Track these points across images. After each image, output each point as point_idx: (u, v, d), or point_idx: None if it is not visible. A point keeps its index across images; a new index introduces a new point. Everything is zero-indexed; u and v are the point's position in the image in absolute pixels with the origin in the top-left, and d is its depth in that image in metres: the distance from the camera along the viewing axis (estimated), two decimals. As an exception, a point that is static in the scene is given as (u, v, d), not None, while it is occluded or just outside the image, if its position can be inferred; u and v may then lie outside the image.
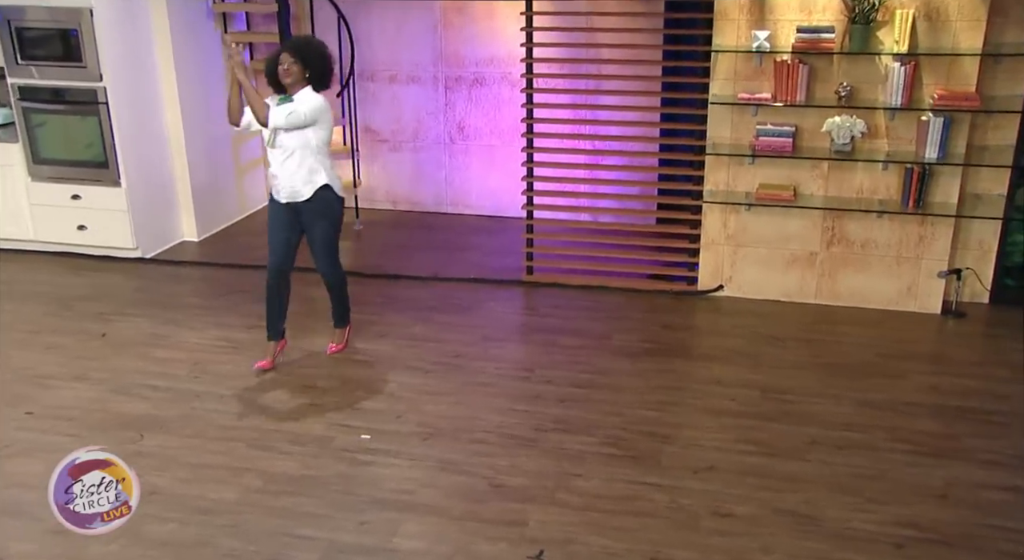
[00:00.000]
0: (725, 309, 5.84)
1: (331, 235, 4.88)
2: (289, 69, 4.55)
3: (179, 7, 6.67)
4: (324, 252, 4.90)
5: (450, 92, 7.47)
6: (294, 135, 4.60)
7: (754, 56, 5.43)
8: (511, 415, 4.54)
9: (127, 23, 6.35)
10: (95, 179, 6.52)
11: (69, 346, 5.34)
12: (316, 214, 4.77)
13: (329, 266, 4.98)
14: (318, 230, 4.82)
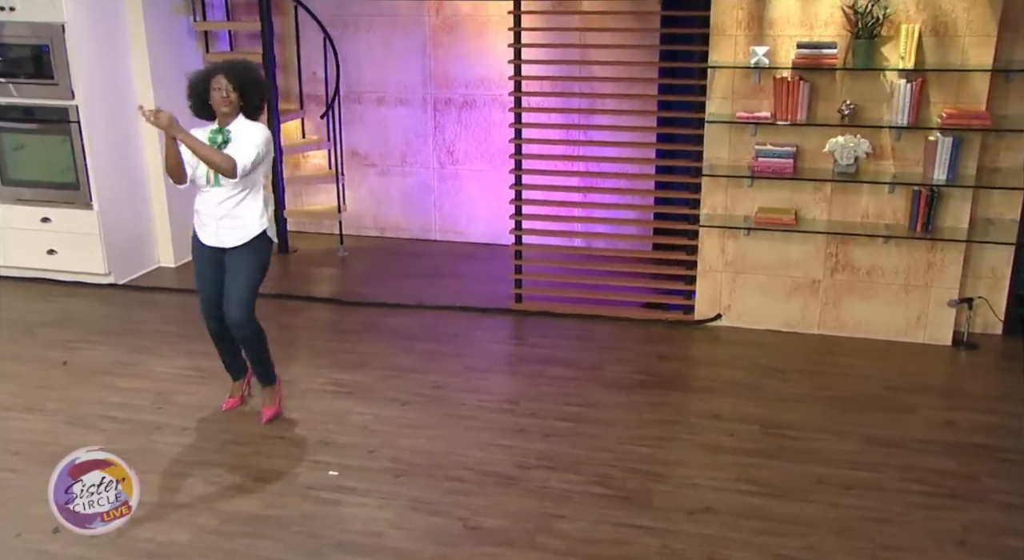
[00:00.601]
0: (724, 339, 5.53)
1: (256, 279, 4.22)
2: (228, 96, 3.96)
3: (159, 25, 6.45)
4: (245, 297, 4.16)
5: (439, 115, 7.23)
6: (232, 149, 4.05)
7: (753, 73, 5.18)
8: (492, 450, 4.21)
9: (103, 40, 6.12)
10: (66, 201, 6.25)
11: (26, 375, 5.03)
12: (246, 253, 4.16)
13: (245, 315, 4.17)
14: (244, 271, 4.15)
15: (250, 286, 4.19)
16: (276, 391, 4.53)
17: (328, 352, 5.34)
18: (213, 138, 4.03)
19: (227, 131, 4.05)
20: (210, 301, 4.25)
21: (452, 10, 6.92)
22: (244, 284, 4.16)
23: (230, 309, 4.16)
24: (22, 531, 3.61)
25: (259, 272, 4.23)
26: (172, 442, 4.30)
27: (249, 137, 4.03)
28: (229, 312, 4.17)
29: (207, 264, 4.22)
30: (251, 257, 4.17)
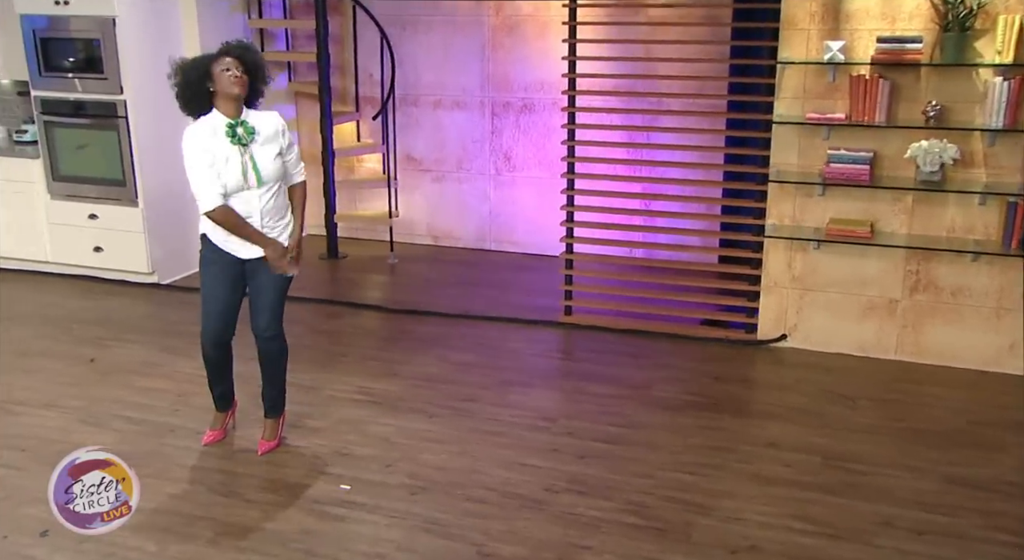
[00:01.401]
0: (788, 362, 5.05)
1: (285, 286, 3.86)
2: (241, 77, 3.53)
3: (213, 22, 6.33)
4: (273, 306, 3.82)
5: (497, 119, 6.94)
6: (278, 168, 3.70)
7: (827, 71, 4.73)
8: (519, 470, 3.84)
9: (154, 35, 6.02)
10: (112, 198, 6.15)
11: (53, 370, 4.89)
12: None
13: (275, 322, 3.86)
14: (271, 279, 3.78)
15: (280, 296, 3.86)
16: (280, 424, 4.10)
17: (360, 359, 5.06)
18: (231, 132, 3.57)
19: (247, 122, 3.61)
20: (215, 327, 3.83)
21: (512, 10, 6.64)
22: (274, 293, 3.81)
23: (261, 321, 3.83)
24: (9, 533, 3.40)
25: (288, 280, 3.88)
26: (182, 446, 4.06)
27: (287, 136, 3.75)
28: (260, 324, 3.83)
29: (225, 280, 3.77)
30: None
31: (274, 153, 3.67)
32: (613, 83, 5.96)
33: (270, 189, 3.68)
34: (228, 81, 3.52)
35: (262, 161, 3.63)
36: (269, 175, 3.65)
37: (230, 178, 3.59)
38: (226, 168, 3.59)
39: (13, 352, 5.14)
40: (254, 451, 4.00)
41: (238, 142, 3.60)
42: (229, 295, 3.81)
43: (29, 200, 6.41)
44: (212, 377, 4.03)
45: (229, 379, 4.09)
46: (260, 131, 3.65)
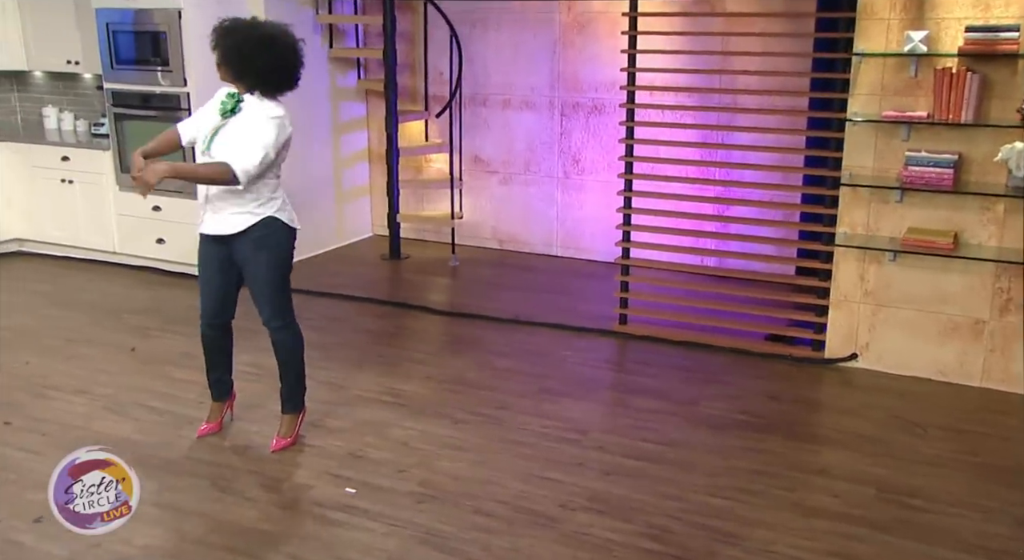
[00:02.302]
0: (857, 383, 4.61)
1: (276, 274, 3.68)
2: (218, 65, 3.50)
3: (281, 16, 6.24)
4: (269, 295, 3.66)
5: (566, 120, 6.68)
6: (233, 149, 3.45)
7: (909, 65, 4.31)
8: (537, 484, 3.57)
9: (220, 28, 6.02)
10: (175, 190, 6.15)
11: (93, 358, 4.88)
12: (254, 246, 3.61)
13: (278, 313, 3.71)
14: (256, 267, 3.63)
15: (274, 286, 3.68)
16: (297, 421, 3.93)
17: (398, 360, 4.87)
18: (225, 101, 3.54)
19: (240, 97, 3.52)
20: (209, 306, 3.76)
21: (584, 7, 6.38)
22: (264, 284, 3.66)
23: (260, 309, 3.72)
24: (6, 516, 3.34)
25: (279, 266, 3.69)
26: (196, 439, 3.95)
27: (259, 131, 3.46)
28: (263, 315, 3.72)
29: (210, 260, 3.70)
30: (263, 253, 3.62)
31: (242, 138, 3.48)
32: (676, 79, 5.61)
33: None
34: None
35: (223, 136, 3.50)
36: (219, 150, 3.48)
37: (191, 127, 3.65)
38: (201, 122, 3.60)
39: (62, 338, 5.18)
40: (267, 448, 3.86)
41: (222, 114, 3.54)
42: (216, 276, 3.71)
43: (101, 191, 6.51)
44: (207, 360, 3.92)
45: (225, 365, 3.96)
46: (245, 114, 3.52)
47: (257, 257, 3.63)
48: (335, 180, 7.10)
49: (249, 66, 3.46)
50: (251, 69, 3.47)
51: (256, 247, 3.62)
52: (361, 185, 7.40)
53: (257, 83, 3.52)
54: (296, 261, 6.50)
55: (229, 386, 4.03)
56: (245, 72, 3.48)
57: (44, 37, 6.72)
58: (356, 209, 7.40)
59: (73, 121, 7.13)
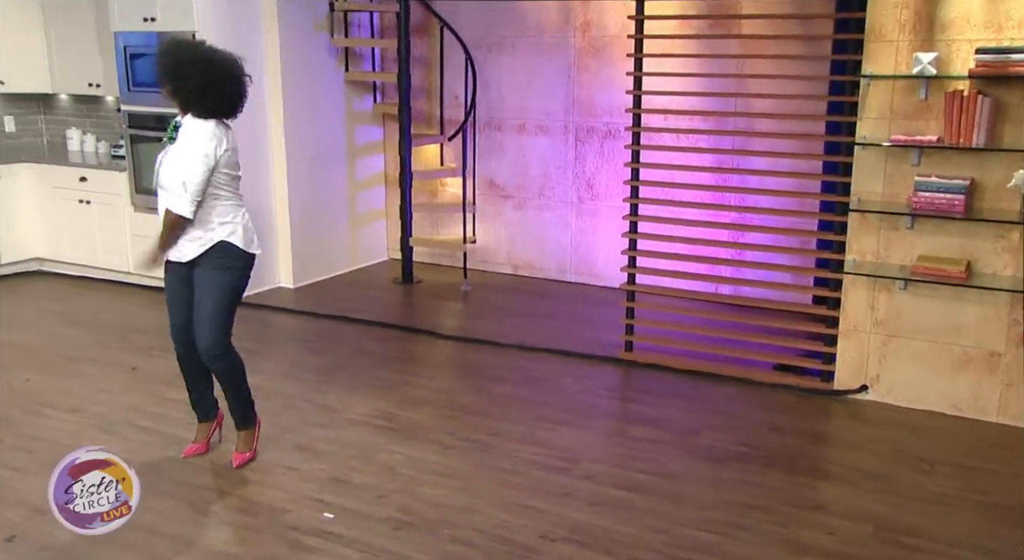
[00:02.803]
0: (865, 416, 4.44)
1: (225, 300, 3.62)
2: (163, 87, 3.51)
3: (296, 39, 6.34)
4: (212, 320, 3.59)
5: (580, 145, 6.62)
6: (174, 175, 3.47)
7: (919, 87, 4.18)
8: (519, 513, 3.46)
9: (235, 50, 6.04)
10: (187, 211, 6.20)
11: (92, 376, 4.88)
12: (210, 269, 3.59)
13: (214, 341, 3.61)
14: (209, 290, 3.58)
15: (218, 307, 3.60)
16: (253, 436, 3.90)
17: (395, 384, 4.80)
18: (169, 132, 3.58)
19: (178, 125, 3.55)
20: (177, 322, 3.73)
21: (599, 30, 6.34)
22: (211, 305, 3.59)
23: (198, 334, 3.63)
24: (-22, 533, 3.31)
25: (227, 291, 3.62)
26: (181, 459, 3.90)
27: (185, 154, 3.46)
28: (197, 337, 3.64)
29: (175, 280, 3.69)
30: (216, 274, 3.58)
31: (178, 162, 3.48)
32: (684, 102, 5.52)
33: (168, 195, 3.53)
34: None
35: (166, 164, 3.53)
36: (165, 178, 3.51)
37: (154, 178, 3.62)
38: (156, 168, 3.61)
39: (66, 356, 5.19)
40: (253, 470, 3.80)
41: (168, 139, 3.57)
42: (181, 289, 3.70)
43: (116, 212, 6.58)
44: (185, 379, 3.89)
45: (202, 386, 3.90)
46: (179, 138, 3.52)
47: (210, 278, 3.61)
48: (350, 203, 7.09)
49: (181, 85, 3.46)
50: (182, 88, 3.46)
51: (211, 268, 3.60)
52: (377, 209, 7.39)
53: (190, 103, 3.51)
54: (308, 283, 6.66)
55: (211, 406, 3.98)
56: (177, 90, 3.48)
57: (68, 61, 6.84)
58: (371, 233, 7.38)
59: (95, 143, 7.24)
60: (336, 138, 6.87)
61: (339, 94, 6.81)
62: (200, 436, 3.97)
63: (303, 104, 6.49)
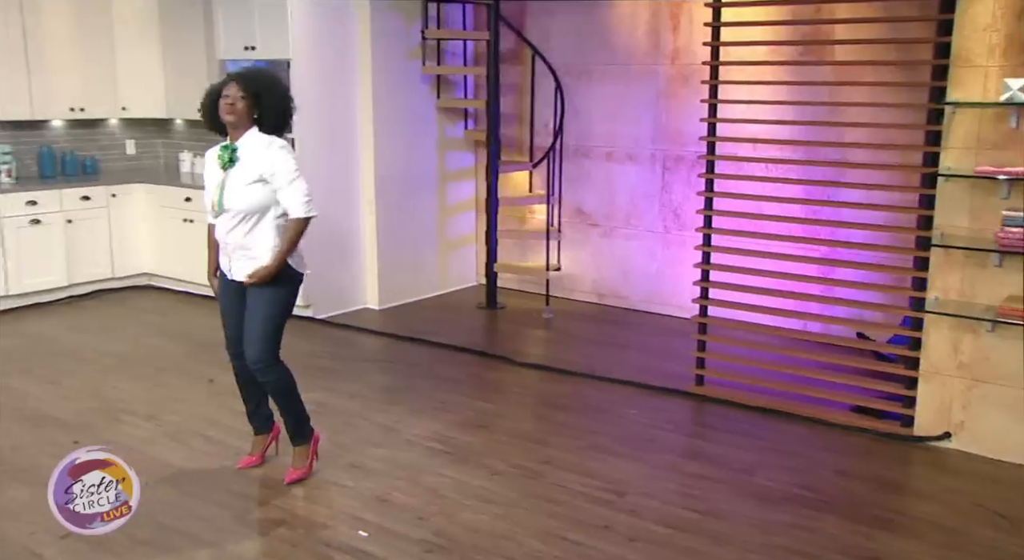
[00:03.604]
0: (945, 465, 4.15)
1: (274, 315, 3.70)
2: (235, 105, 3.53)
3: (389, 67, 6.52)
4: (261, 336, 3.67)
5: (668, 173, 6.52)
6: (248, 197, 3.58)
7: (1009, 116, 3.92)
8: (555, 544, 3.39)
9: (327, 78, 6.30)
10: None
11: (174, 387, 5.10)
12: (260, 290, 3.68)
13: (262, 357, 3.69)
14: (259, 307, 3.67)
15: (267, 323, 3.69)
16: (308, 452, 3.94)
17: (457, 407, 4.81)
18: (222, 155, 3.63)
19: (234, 148, 3.61)
20: (232, 338, 3.85)
21: (689, 57, 6.24)
22: (260, 321, 3.68)
23: (247, 348, 3.72)
24: (38, 529, 3.48)
25: (277, 307, 3.71)
26: (237, 470, 4.01)
27: (282, 167, 3.58)
28: (246, 352, 3.73)
29: (229, 298, 3.82)
30: (268, 292, 3.67)
31: (248, 181, 3.57)
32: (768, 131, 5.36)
33: (240, 218, 3.61)
34: (222, 109, 3.57)
35: (231, 188, 3.60)
36: (233, 203, 3.59)
37: (206, 199, 3.71)
38: (206, 183, 3.70)
39: (155, 366, 5.44)
40: (302, 484, 3.87)
41: (222, 165, 3.62)
42: (233, 308, 3.82)
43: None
44: (241, 393, 4.00)
45: (258, 398, 4.00)
46: (243, 157, 3.59)
47: (260, 294, 3.69)
48: (439, 228, 7.20)
49: (276, 106, 3.63)
50: (277, 109, 3.63)
51: (262, 292, 3.69)
52: (467, 234, 7.47)
53: (274, 123, 3.65)
54: (393, 306, 6.77)
55: (266, 419, 4.08)
56: (271, 112, 3.62)
57: (181, 87, 7.23)
58: (461, 257, 7.46)
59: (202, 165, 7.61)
60: (427, 163, 6.99)
61: (431, 120, 6.94)
62: (255, 449, 4.08)
63: (394, 130, 6.64)
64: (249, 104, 3.57)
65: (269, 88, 3.62)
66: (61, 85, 7.00)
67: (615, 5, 6.57)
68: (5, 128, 6.99)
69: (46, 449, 4.22)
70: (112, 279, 7.26)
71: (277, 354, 3.78)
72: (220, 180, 3.64)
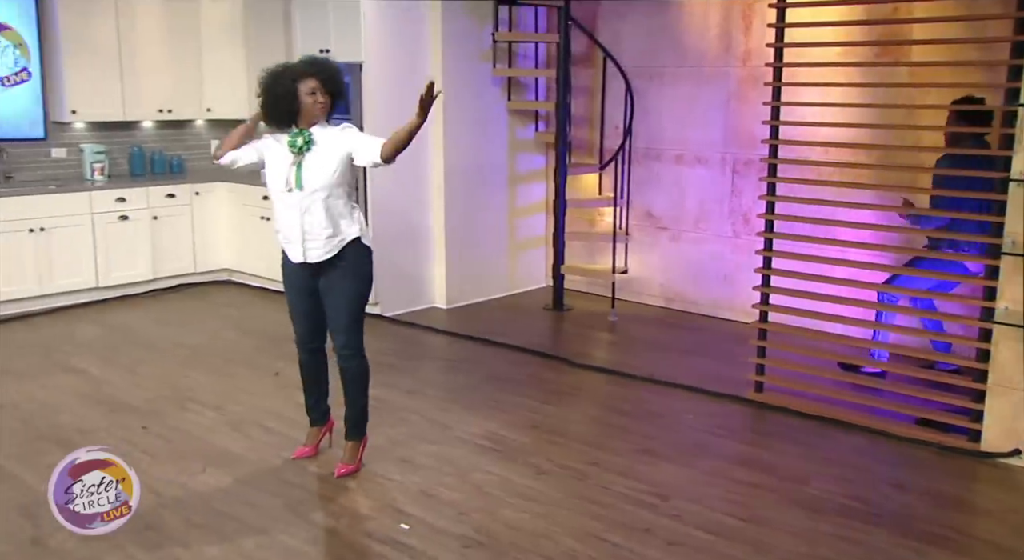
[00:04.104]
0: (1011, 483, 3.98)
1: (356, 304, 3.81)
2: (325, 103, 3.67)
3: (458, 70, 6.60)
4: (346, 324, 3.80)
5: (738, 177, 6.42)
6: (330, 174, 3.66)
7: (1086, 119, 3.75)
8: (592, 545, 3.39)
9: (398, 80, 6.40)
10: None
11: (242, 378, 5.28)
12: (340, 274, 3.77)
13: (351, 341, 3.83)
14: (339, 295, 3.78)
15: (353, 316, 3.81)
16: (359, 449, 4.04)
17: (512, 407, 4.85)
18: (293, 141, 3.67)
19: (308, 133, 3.68)
20: (302, 330, 3.96)
21: (760, 59, 6.12)
22: (346, 308, 3.79)
23: (336, 338, 3.85)
24: (100, 508, 3.65)
25: (360, 297, 3.83)
26: (291, 460, 4.13)
27: (358, 134, 3.74)
28: (336, 340, 3.85)
29: (298, 292, 3.89)
30: (348, 279, 3.77)
31: (330, 163, 3.66)
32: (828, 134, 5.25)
33: (314, 196, 3.66)
34: (313, 107, 3.66)
35: (310, 168, 3.66)
36: (311, 181, 3.64)
37: (273, 178, 3.75)
38: (273, 168, 3.74)
39: (224, 358, 5.64)
40: (354, 476, 3.96)
41: (296, 151, 3.67)
42: (303, 301, 3.90)
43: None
44: (304, 385, 4.11)
45: (319, 391, 4.11)
46: (319, 142, 3.68)
47: (343, 285, 3.78)
48: (509, 229, 7.25)
49: (344, 96, 3.80)
50: (344, 98, 3.80)
51: (342, 275, 3.77)
52: (538, 235, 7.50)
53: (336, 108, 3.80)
54: (460, 306, 6.85)
55: (324, 413, 4.18)
56: (339, 101, 3.79)
57: (263, 89, 7.46)
58: (530, 259, 7.49)
59: (283, 165, 7.83)
60: (497, 165, 7.05)
61: (501, 122, 6.99)
62: (310, 440, 4.19)
63: (464, 130, 6.73)
64: (331, 100, 3.71)
65: (342, 83, 3.78)
66: (151, 88, 7.32)
67: (686, 6, 6.52)
68: (99, 129, 7.35)
69: (115, 432, 4.43)
70: (194, 274, 7.55)
71: (362, 342, 3.90)
72: (293, 161, 3.68)
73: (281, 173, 3.71)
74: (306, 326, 3.96)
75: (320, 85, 3.65)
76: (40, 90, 6.99)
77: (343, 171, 3.70)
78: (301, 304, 3.92)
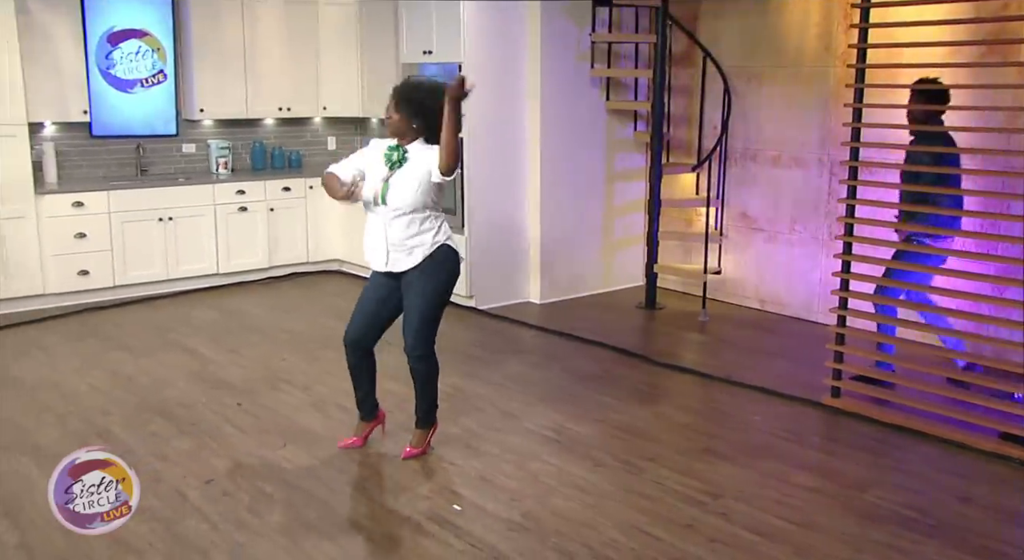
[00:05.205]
0: (1089, 503, 3.82)
1: (433, 301, 3.95)
2: (390, 117, 3.88)
3: (557, 70, 6.73)
4: (417, 325, 3.94)
5: (835, 179, 6.28)
6: (413, 197, 3.84)
7: None
8: (634, 537, 3.48)
9: (497, 80, 6.58)
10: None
11: (331, 361, 5.55)
12: (421, 275, 3.93)
13: (420, 344, 3.97)
14: (418, 292, 3.92)
15: (426, 317, 3.96)
16: (427, 435, 4.22)
17: (583, 400, 4.95)
18: (389, 154, 3.90)
19: (403, 149, 3.90)
20: (355, 328, 4.12)
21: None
22: (419, 315, 3.95)
23: (406, 336, 4.01)
24: (188, 473, 3.99)
25: (436, 299, 3.96)
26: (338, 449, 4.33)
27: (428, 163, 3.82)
28: (406, 341, 4.01)
29: (375, 286, 4.08)
30: (426, 278, 3.92)
31: (415, 182, 3.82)
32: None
33: (399, 214, 3.86)
34: (388, 123, 3.93)
35: (396, 186, 3.85)
36: (395, 199, 3.84)
37: (366, 190, 3.94)
38: (368, 178, 3.95)
39: (320, 342, 5.97)
40: (418, 458, 4.17)
41: (390, 165, 3.89)
42: (372, 306, 4.08)
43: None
44: (352, 379, 4.27)
45: (367, 388, 4.26)
46: (412, 160, 3.86)
47: (421, 284, 3.94)
48: (605, 227, 7.33)
49: (431, 116, 3.81)
50: (432, 118, 3.79)
51: (424, 276, 3.94)
52: (635, 234, 7.54)
53: (428, 129, 3.87)
54: (555, 301, 6.99)
55: (373, 407, 4.32)
56: (428, 121, 3.83)
57: (374, 89, 7.82)
58: (627, 257, 7.54)
59: (392, 161, 8.17)
60: (595, 163, 7.15)
61: (599, 121, 7.08)
62: (358, 431, 4.34)
63: (562, 129, 6.85)
64: (405, 118, 3.85)
65: (422, 104, 3.83)
66: (271, 87, 7.79)
67: (786, 6, 6.43)
68: (225, 125, 7.88)
69: (213, 407, 4.80)
70: (307, 263, 7.98)
71: (433, 344, 4.05)
72: (385, 176, 3.89)
73: (372, 186, 3.92)
74: (363, 322, 4.10)
75: (393, 104, 3.88)
76: (174, 90, 7.55)
77: (426, 190, 3.85)
78: (374, 294, 4.10)
